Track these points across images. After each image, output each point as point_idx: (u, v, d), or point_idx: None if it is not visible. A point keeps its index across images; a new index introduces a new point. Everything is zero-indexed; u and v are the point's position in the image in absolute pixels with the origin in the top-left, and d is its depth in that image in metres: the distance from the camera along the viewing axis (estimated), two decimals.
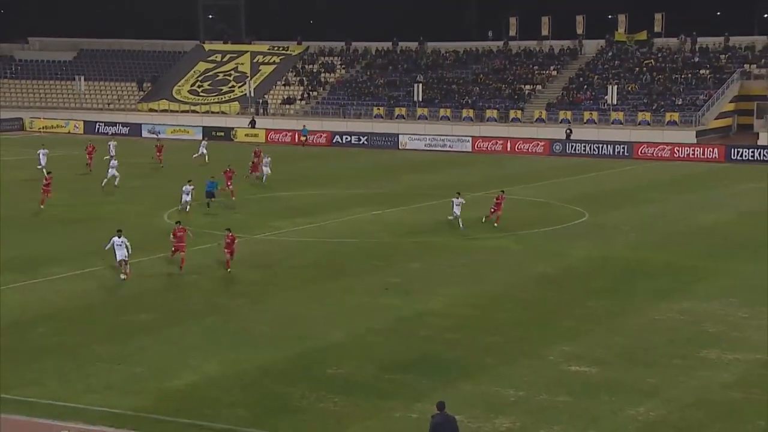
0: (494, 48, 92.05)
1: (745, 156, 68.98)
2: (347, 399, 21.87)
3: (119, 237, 32.11)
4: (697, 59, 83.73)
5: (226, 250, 33.64)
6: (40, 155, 57.97)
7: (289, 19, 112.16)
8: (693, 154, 70.40)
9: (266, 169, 55.39)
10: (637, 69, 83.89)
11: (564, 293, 31.28)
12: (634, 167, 65.94)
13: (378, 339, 26.40)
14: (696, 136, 73.90)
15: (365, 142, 79.13)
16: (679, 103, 77.54)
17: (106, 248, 32.53)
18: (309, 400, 21.87)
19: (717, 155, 69.84)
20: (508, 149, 74.65)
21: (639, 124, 76.45)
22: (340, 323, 27.58)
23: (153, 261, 35.46)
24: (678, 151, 70.61)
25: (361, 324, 27.52)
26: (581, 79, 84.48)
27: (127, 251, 31.94)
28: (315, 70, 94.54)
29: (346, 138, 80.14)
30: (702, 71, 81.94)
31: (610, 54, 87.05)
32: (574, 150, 73.04)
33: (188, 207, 44.78)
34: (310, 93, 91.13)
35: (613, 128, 76.33)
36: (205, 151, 65.17)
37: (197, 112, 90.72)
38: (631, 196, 52.51)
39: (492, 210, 42.06)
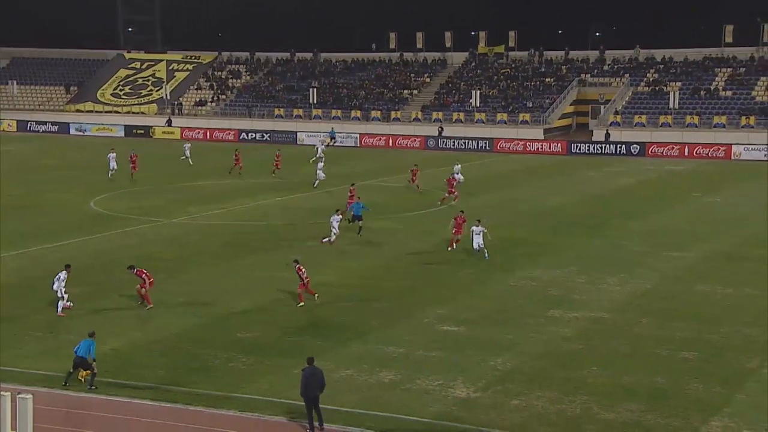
0: (377, 58, 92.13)
1: (583, 150, 70.91)
2: (254, 358, 21.74)
3: (66, 272, 25.37)
4: (543, 69, 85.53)
5: (301, 284, 26.10)
6: (110, 159, 52.52)
7: (200, 32, 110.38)
8: (541, 148, 71.98)
9: (459, 176, 48.97)
10: (496, 77, 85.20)
11: (437, 265, 31.62)
12: (494, 159, 67.02)
13: (280, 307, 26.27)
14: (543, 134, 75.46)
15: (268, 138, 78.34)
16: (530, 105, 79.10)
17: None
18: (221, 360, 21.65)
19: (560, 149, 71.58)
20: (390, 144, 74.97)
21: (497, 123, 77.67)
22: (248, 294, 27.34)
23: (84, 242, 34.43)
24: (529, 145, 72.09)
25: (266, 294, 27.33)
26: (450, 85, 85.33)
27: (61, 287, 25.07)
28: (223, 77, 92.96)
29: (252, 135, 79.31)
30: (547, 79, 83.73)
31: (473, 64, 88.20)
32: (445, 145, 73.84)
33: (333, 237, 34.13)
34: (220, 96, 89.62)
35: (476, 126, 77.36)
36: (322, 154, 58.54)
37: (119, 113, 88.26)
38: (492, 183, 53.39)
39: (453, 232, 33.96)
